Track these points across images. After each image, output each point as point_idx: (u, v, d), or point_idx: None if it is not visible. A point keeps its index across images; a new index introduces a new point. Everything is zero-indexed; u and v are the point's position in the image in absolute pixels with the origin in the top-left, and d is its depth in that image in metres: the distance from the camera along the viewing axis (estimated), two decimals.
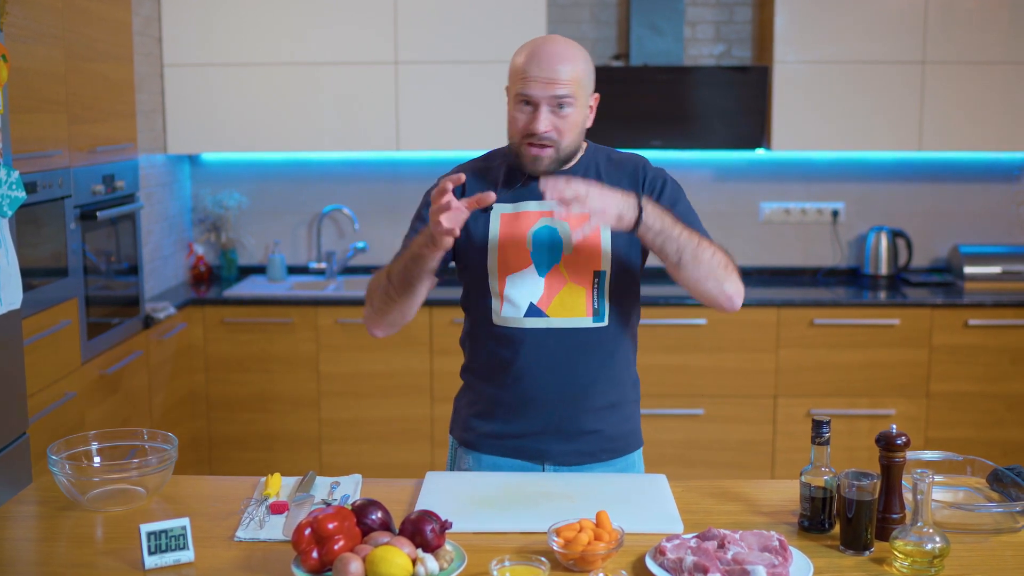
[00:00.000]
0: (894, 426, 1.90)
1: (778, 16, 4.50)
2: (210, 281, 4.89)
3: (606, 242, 2.16)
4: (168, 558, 1.77)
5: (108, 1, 3.70)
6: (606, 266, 2.16)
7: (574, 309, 2.17)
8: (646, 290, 2.34)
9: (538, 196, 2.17)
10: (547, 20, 4.56)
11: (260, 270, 5.00)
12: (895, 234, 4.83)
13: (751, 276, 4.94)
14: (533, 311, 2.16)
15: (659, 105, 4.59)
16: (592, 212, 1.94)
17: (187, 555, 1.78)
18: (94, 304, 3.56)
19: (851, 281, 4.87)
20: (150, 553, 1.76)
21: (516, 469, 2.25)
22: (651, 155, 4.77)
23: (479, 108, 4.51)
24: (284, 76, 4.57)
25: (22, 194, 2.66)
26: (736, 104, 4.57)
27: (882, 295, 4.57)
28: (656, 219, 2.03)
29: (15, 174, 2.64)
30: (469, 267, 2.22)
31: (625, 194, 2.02)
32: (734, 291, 2.19)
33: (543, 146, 2.11)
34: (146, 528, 1.77)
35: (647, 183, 2.22)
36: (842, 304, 4.44)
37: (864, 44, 4.51)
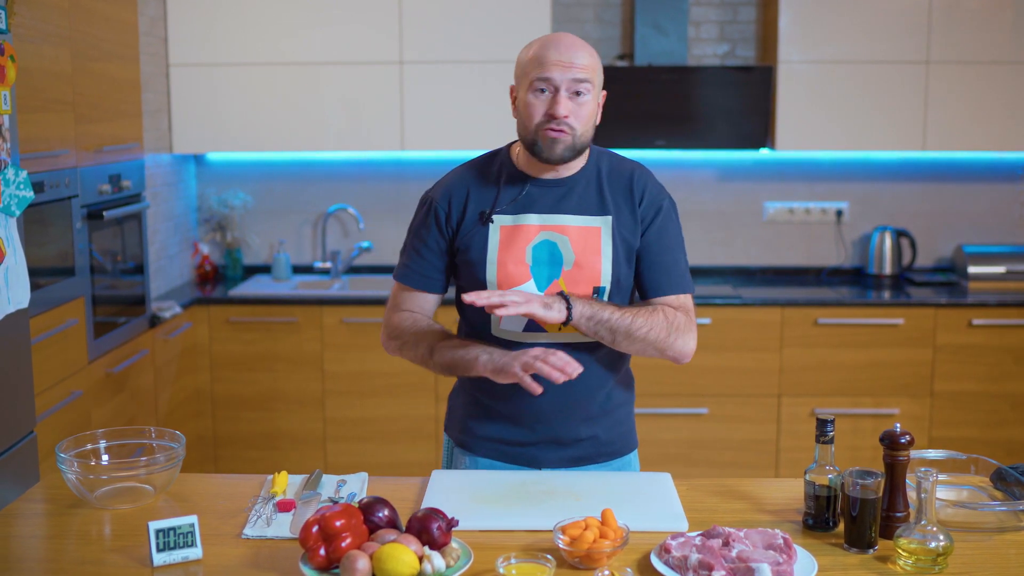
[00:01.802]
0: (898, 425, 1.91)
1: (782, 16, 4.50)
2: (215, 280, 4.90)
3: (607, 258, 2.15)
4: (176, 555, 1.78)
5: (114, 1, 3.71)
6: (606, 282, 2.15)
7: None
8: None
9: (539, 208, 2.16)
10: (551, 20, 4.56)
11: (265, 269, 5.01)
12: (899, 234, 4.83)
13: (755, 276, 4.95)
14: (532, 326, 2.14)
15: (663, 105, 4.59)
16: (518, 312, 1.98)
17: (195, 552, 1.79)
18: (100, 303, 3.57)
19: (855, 281, 4.87)
20: (159, 550, 1.77)
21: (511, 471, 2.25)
22: (655, 155, 4.83)
23: (484, 108, 4.52)
24: (289, 76, 4.58)
25: (30, 193, 2.67)
26: (740, 104, 4.57)
27: (886, 295, 4.57)
28: (585, 311, 2.05)
29: (23, 174, 2.65)
30: (466, 277, 2.20)
31: (551, 298, 2.03)
32: (679, 352, 2.16)
33: (561, 131, 2.09)
34: (155, 525, 1.78)
35: (643, 205, 2.19)
36: (846, 304, 4.45)
37: (868, 44, 4.51)
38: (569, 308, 2.04)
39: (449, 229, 2.20)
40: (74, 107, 3.36)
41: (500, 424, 2.24)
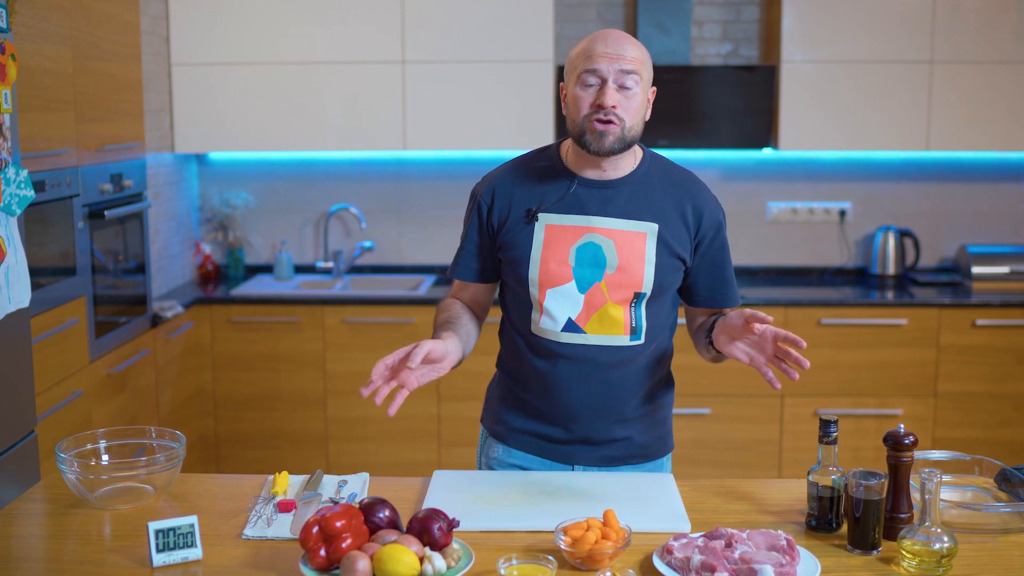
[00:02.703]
0: (902, 425, 1.90)
1: (785, 15, 4.49)
2: (217, 280, 4.90)
3: (650, 264, 2.13)
4: (176, 556, 1.78)
5: (116, 0, 3.71)
6: (647, 288, 2.14)
7: (612, 328, 2.14)
8: None
9: (586, 209, 2.14)
10: (554, 20, 4.56)
11: (267, 269, 5.00)
12: (902, 234, 4.82)
13: (758, 276, 4.94)
14: (571, 327, 2.14)
15: (666, 104, 4.54)
16: None
17: (195, 553, 1.79)
18: (102, 303, 3.57)
19: (858, 281, 4.86)
20: (158, 551, 1.77)
21: (544, 468, 2.25)
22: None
23: (487, 107, 4.51)
24: (291, 75, 4.57)
25: (31, 193, 2.67)
26: (743, 103, 4.56)
27: (889, 295, 4.56)
28: None
29: (23, 173, 2.64)
30: (509, 273, 2.20)
31: None
32: None
33: (608, 122, 2.07)
34: (154, 526, 1.77)
35: (704, 222, 2.18)
36: (849, 304, 4.44)
37: (871, 43, 4.50)
38: None
39: (491, 225, 2.21)
40: (75, 106, 3.35)
41: (534, 418, 2.24)
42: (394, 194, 4.97)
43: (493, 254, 2.23)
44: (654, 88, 2.18)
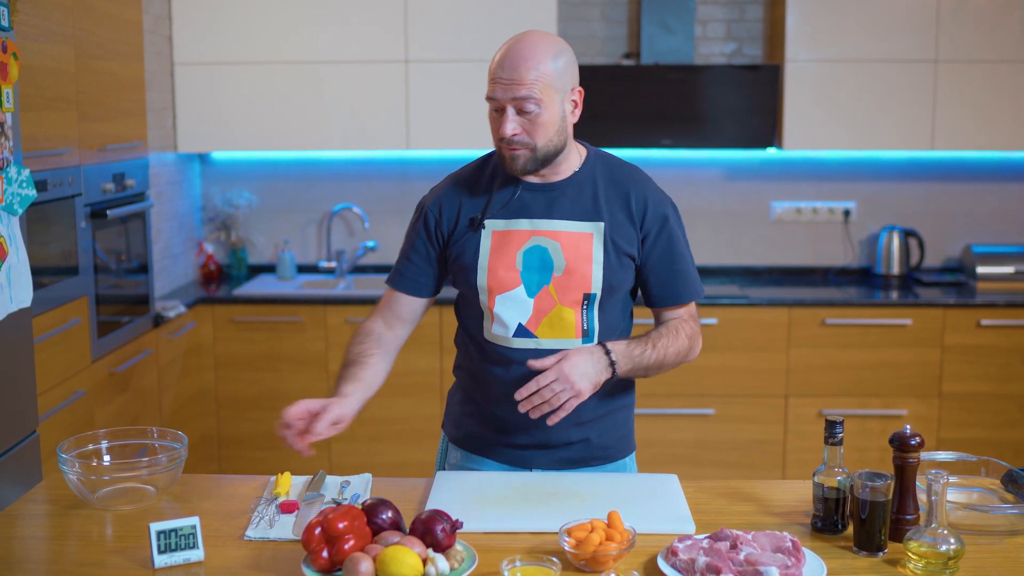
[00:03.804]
0: (908, 426, 1.89)
1: (789, 15, 4.48)
2: (220, 280, 4.89)
3: (598, 265, 2.13)
4: (178, 557, 1.77)
5: None
6: (597, 288, 2.13)
7: (564, 331, 2.14)
8: None
9: (531, 213, 2.14)
10: (557, 18, 4.55)
11: (270, 269, 5.00)
12: (907, 233, 4.81)
13: (762, 276, 4.93)
14: (522, 332, 2.14)
15: (670, 104, 4.58)
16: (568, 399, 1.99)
17: (197, 554, 1.78)
18: (104, 302, 3.57)
19: (863, 281, 4.85)
20: (160, 552, 1.76)
21: (502, 470, 2.25)
22: (661, 154, 4.81)
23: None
24: (294, 75, 4.57)
25: (33, 192, 2.66)
26: (747, 103, 4.55)
27: (894, 295, 4.55)
28: (625, 363, 2.07)
29: (25, 172, 2.64)
30: (460, 282, 2.21)
31: (593, 356, 2.02)
32: (693, 357, 2.26)
33: (514, 148, 2.07)
34: (156, 527, 1.76)
35: (647, 218, 2.16)
36: (854, 304, 4.42)
37: (876, 43, 4.49)
38: (612, 367, 2.05)
39: (440, 236, 2.22)
40: (78, 105, 3.35)
41: (491, 423, 2.24)
42: (397, 194, 4.96)
43: (436, 267, 2.24)
44: (580, 89, 2.13)
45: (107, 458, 2.13)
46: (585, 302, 2.13)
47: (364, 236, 4.99)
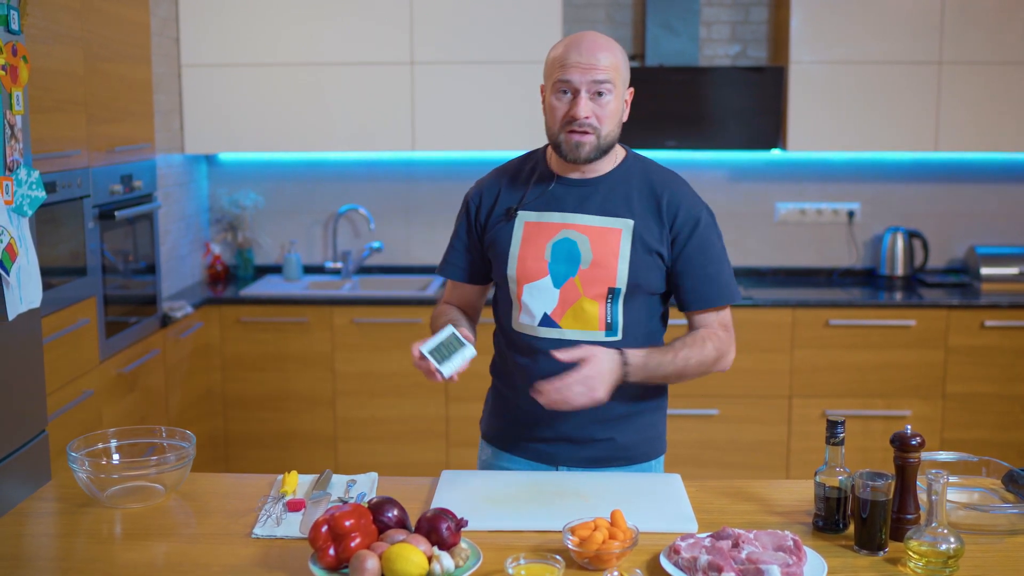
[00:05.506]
0: (909, 427, 1.90)
1: (794, 16, 4.49)
2: (227, 280, 4.91)
3: (624, 260, 2.16)
4: (457, 359, 1.99)
5: (126, 2, 3.72)
6: (621, 283, 2.16)
7: (587, 323, 2.17)
8: None
9: (564, 206, 2.19)
10: (562, 20, 4.56)
11: (276, 270, 5.02)
12: (911, 235, 4.82)
13: (766, 277, 4.94)
14: (547, 322, 2.19)
15: (674, 105, 4.59)
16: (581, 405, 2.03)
17: (469, 350, 2.01)
18: (112, 303, 3.59)
19: (867, 282, 4.85)
20: (439, 363, 1.97)
21: (529, 468, 2.27)
22: (666, 155, 4.83)
23: (495, 108, 4.52)
24: (300, 76, 4.58)
25: (42, 194, 2.68)
26: (751, 104, 4.56)
27: (898, 296, 4.56)
28: (639, 373, 2.11)
29: (35, 174, 2.66)
30: (495, 271, 2.28)
31: (611, 365, 2.05)
32: (722, 367, 2.28)
33: (584, 132, 2.11)
34: (425, 348, 1.98)
35: (678, 221, 2.20)
36: (858, 305, 4.43)
37: (880, 44, 4.49)
38: (626, 375, 2.09)
39: (479, 225, 2.29)
40: (86, 107, 3.37)
41: (517, 417, 2.28)
42: (403, 195, 4.98)
43: (482, 254, 2.31)
44: (631, 88, 2.21)
45: (116, 457, 2.15)
46: (609, 296, 2.17)
47: (370, 237, 5.00)
